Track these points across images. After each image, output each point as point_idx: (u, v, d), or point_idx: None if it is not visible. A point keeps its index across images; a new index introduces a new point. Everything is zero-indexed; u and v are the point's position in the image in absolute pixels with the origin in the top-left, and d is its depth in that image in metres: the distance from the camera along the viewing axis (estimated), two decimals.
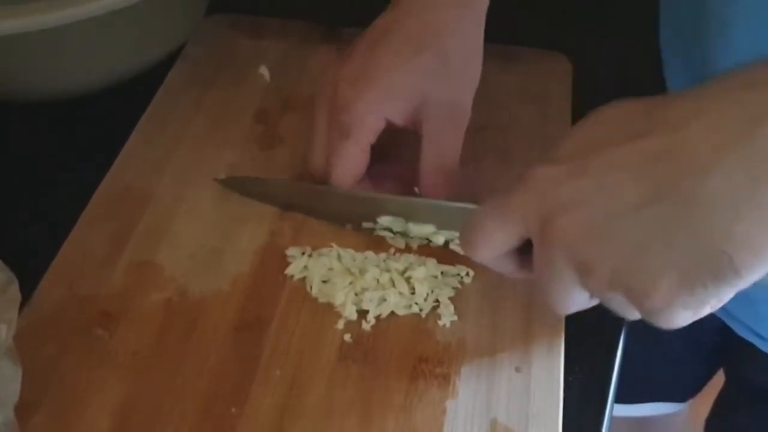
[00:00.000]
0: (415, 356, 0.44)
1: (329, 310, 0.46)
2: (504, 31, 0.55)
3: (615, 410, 0.46)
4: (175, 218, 0.50)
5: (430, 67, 0.47)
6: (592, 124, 0.36)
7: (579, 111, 0.57)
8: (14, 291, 0.41)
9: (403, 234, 0.48)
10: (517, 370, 0.43)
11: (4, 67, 0.53)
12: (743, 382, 0.70)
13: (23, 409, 0.39)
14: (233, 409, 0.41)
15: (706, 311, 0.35)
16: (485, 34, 0.50)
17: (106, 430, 0.41)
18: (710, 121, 0.32)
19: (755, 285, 0.34)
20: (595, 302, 0.38)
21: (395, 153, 0.51)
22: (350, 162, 0.47)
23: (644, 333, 0.63)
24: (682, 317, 0.35)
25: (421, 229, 0.47)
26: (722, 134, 0.31)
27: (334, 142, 0.48)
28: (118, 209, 0.50)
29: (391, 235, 0.48)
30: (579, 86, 0.59)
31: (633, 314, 0.36)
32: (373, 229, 0.49)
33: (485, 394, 0.42)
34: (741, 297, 0.59)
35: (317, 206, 0.50)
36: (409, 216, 0.47)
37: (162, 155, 0.54)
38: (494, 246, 0.38)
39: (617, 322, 0.48)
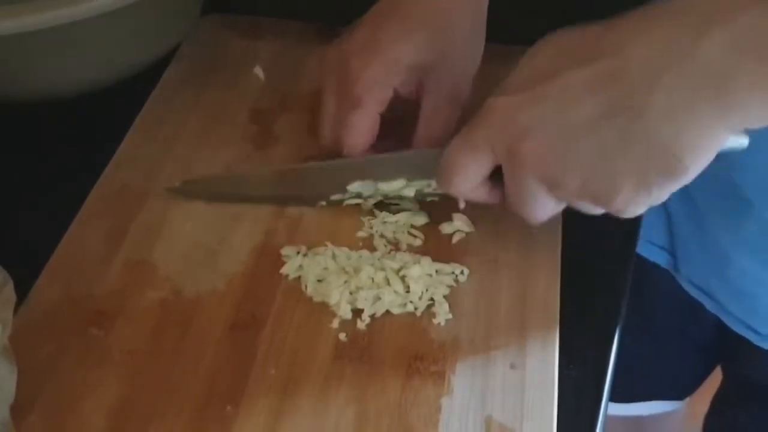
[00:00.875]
0: (410, 354, 0.44)
1: (324, 309, 0.46)
2: (504, 31, 0.55)
3: (612, 410, 0.46)
4: (170, 217, 0.50)
5: (434, 42, 0.48)
6: (540, 55, 0.40)
7: None
8: (9, 291, 0.41)
9: (374, 196, 0.49)
10: (512, 366, 0.43)
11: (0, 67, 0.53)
12: (741, 378, 0.70)
13: (19, 409, 0.39)
14: (229, 408, 0.41)
15: (659, 201, 0.40)
16: (487, 35, 0.50)
17: (101, 429, 0.41)
18: (653, 41, 0.36)
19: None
20: (563, 206, 0.42)
21: (396, 133, 0.51)
22: (362, 131, 0.48)
23: (640, 331, 0.64)
24: (640, 209, 0.40)
25: (391, 186, 0.48)
26: (664, 54, 0.35)
27: (344, 114, 0.48)
28: (113, 208, 0.51)
29: (362, 201, 0.49)
30: None
31: (598, 212, 0.41)
32: (343, 200, 0.49)
33: (480, 391, 0.42)
34: (735, 292, 0.59)
35: (285, 191, 0.50)
36: (378, 176, 0.48)
37: (158, 154, 0.54)
38: (468, 178, 0.42)
39: (612, 317, 0.48)
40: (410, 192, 0.48)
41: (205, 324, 0.45)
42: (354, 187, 0.48)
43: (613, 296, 0.49)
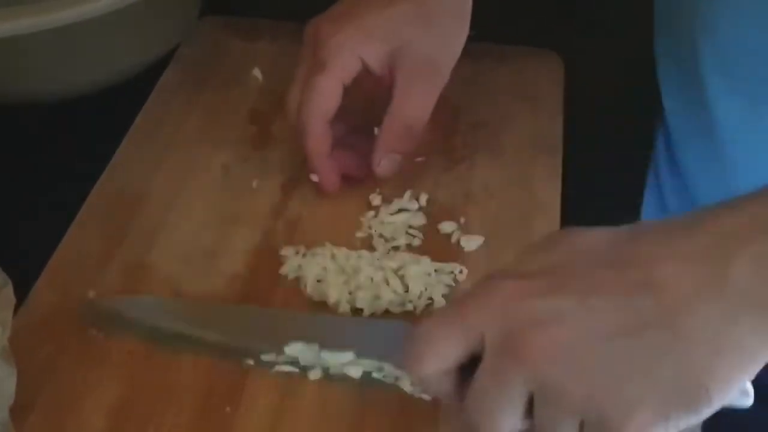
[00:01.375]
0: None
1: (323, 309, 0.46)
2: (496, 30, 0.56)
3: None
4: (169, 219, 0.50)
5: (409, 15, 0.47)
6: (553, 245, 0.35)
7: (570, 109, 0.57)
8: (9, 293, 0.41)
9: (313, 366, 0.42)
10: None
11: None
12: None
13: (18, 410, 0.39)
14: (228, 409, 0.41)
15: None
16: (479, 34, 0.50)
17: (101, 429, 0.41)
18: (683, 260, 0.32)
19: None
20: None
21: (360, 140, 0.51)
22: (322, 96, 0.47)
23: None
24: None
25: (336, 358, 0.41)
26: (696, 275, 0.32)
27: (309, 79, 0.48)
28: (112, 210, 0.51)
29: (295, 370, 0.42)
30: (570, 84, 0.59)
31: None
32: (274, 364, 0.42)
33: None
34: None
35: (204, 334, 0.43)
36: (324, 341, 0.41)
37: (156, 156, 0.54)
38: (441, 357, 0.34)
39: None
40: (356, 372, 0.41)
41: None
42: (292, 349, 0.42)
43: None
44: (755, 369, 0.32)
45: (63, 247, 0.49)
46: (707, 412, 0.32)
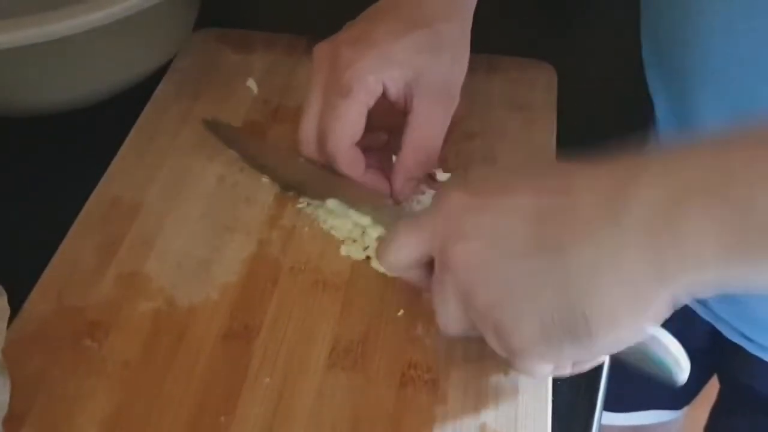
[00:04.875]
0: (403, 362, 0.44)
1: (319, 317, 0.46)
2: (490, 41, 0.56)
3: (608, 419, 0.46)
4: (163, 229, 0.50)
5: (423, 45, 0.48)
6: (510, 168, 0.40)
7: (564, 119, 0.57)
8: (3, 303, 0.41)
9: (336, 216, 0.50)
10: (506, 374, 0.43)
11: None
12: (737, 387, 0.70)
13: (12, 421, 0.39)
14: (222, 419, 0.41)
15: (566, 370, 0.39)
16: (473, 45, 0.51)
17: None
18: (595, 193, 0.35)
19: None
20: (476, 333, 0.40)
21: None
22: (349, 122, 0.48)
23: None
24: (540, 367, 0.39)
25: (359, 218, 0.49)
26: (600, 208, 0.34)
27: (332, 104, 0.48)
28: (107, 220, 0.51)
29: (324, 218, 0.50)
30: (564, 94, 0.59)
31: (501, 352, 0.39)
32: (308, 205, 0.51)
33: (474, 400, 0.42)
34: (728, 299, 0.59)
35: (289, 175, 0.52)
36: (351, 202, 0.49)
37: (151, 167, 0.54)
38: (400, 257, 0.41)
39: None
40: (374, 233, 0.48)
41: (199, 334, 0.45)
42: (330, 202, 0.50)
43: None
44: (647, 310, 0.34)
45: (58, 258, 0.49)
46: (592, 345, 0.35)
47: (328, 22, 0.52)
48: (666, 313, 0.36)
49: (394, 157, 0.50)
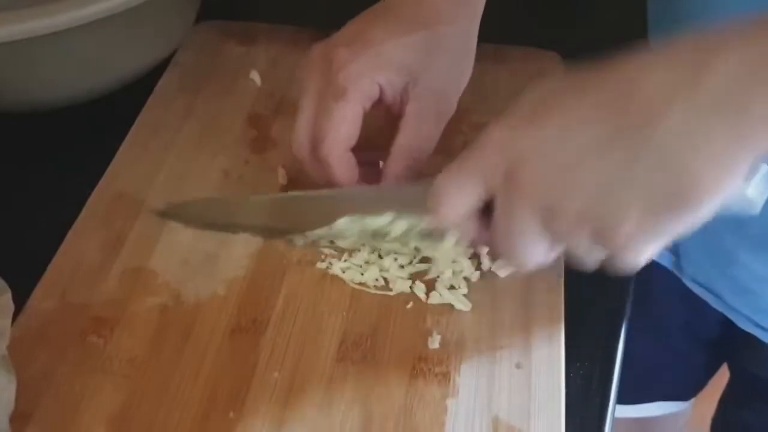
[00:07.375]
0: (414, 356, 0.43)
1: (327, 312, 0.45)
2: (497, 30, 0.55)
3: (618, 411, 0.46)
4: (168, 224, 0.50)
5: (421, 47, 0.47)
6: (541, 89, 0.38)
7: None
8: (7, 300, 0.40)
9: (360, 236, 0.47)
10: (518, 366, 0.43)
11: None
12: (747, 376, 0.70)
13: (18, 419, 0.39)
14: (231, 414, 0.41)
15: (663, 245, 0.37)
16: (480, 35, 0.50)
17: None
18: (659, 71, 0.34)
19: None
20: (555, 254, 0.39)
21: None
22: (345, 124, 0.46)
23: (644, 330, 0.63)
24: (644, 252, 0.37)
25: (378, 221, 0.45)
26: (670, 83, 0.33)
27: (326, 107, 0.46)
28: (111, 216, 0.50)
29: (344, 240, 0.47)
30: None
31: (596, 256, 0.38)
32: (325, 237, 0.47)
33: (486, 392, 0.42)
34: (740, 290, 0.59)
35: (271, 221, 0.48)
36: (365, 209, 0.46)
37: (154, 161, 0.53)
38: (457, 207, 0.39)
39: (617, 317, 0.48)
40: (399, 228, 0.45)
41: (206, 330, 0.44)
42: (340, 223, 0.46)
43: (617, 296, 0.49)
44: (738, 167, 0.34)
45: (61, 254, 0.48)
46: (700, 209, 0.34)
47: (331, 13, 0.51)
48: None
49: (381, 163, 0.48)
